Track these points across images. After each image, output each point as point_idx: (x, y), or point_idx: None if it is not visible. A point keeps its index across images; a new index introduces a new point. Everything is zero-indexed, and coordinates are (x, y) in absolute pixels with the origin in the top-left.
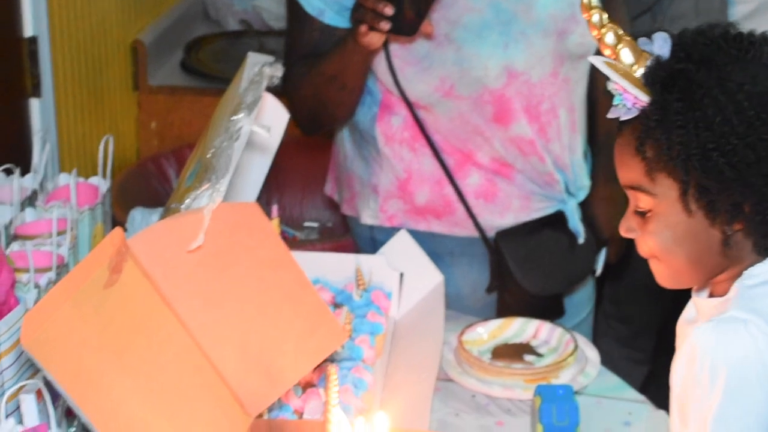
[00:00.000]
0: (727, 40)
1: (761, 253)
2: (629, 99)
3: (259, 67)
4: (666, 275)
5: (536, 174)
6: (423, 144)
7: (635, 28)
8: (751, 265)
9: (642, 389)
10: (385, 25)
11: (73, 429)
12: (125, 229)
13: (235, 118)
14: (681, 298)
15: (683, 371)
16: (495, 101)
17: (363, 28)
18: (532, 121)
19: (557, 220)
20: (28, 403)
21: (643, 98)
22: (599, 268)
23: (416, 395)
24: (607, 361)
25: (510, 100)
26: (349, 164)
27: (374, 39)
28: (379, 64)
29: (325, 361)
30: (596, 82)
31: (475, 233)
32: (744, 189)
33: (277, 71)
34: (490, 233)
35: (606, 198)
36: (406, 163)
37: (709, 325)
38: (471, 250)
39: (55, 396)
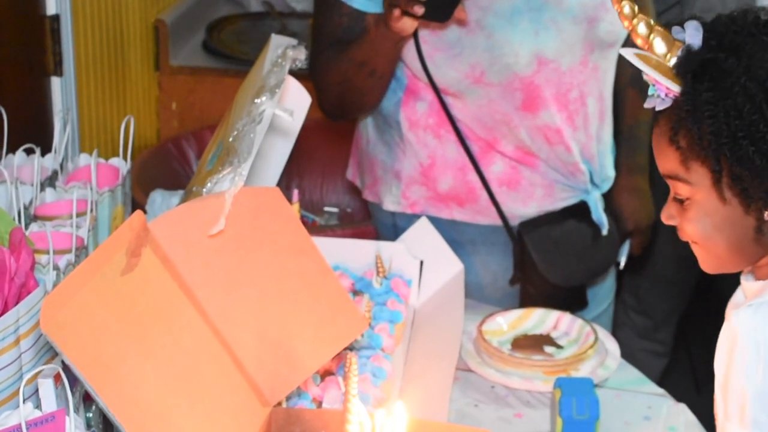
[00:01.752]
0: (758, 26)
1: None
2: (662, 89)
3: (282, 50)
4: (708, 261)
5: (561, 164)
6: (448, 130)
7: (664, 21)
8: None
9: (661, 382)
10: (419, 10)
11: (91, 414)
12: (145, 212)
13: (257, 101)
14: (701, 290)
15: (724, 356)
16: (524, 88)
17: (396, 12)
18: (560, 109)
19: (581, 211)
20: (47, 388)
21: (675, 88)
22: (623, 260)
23: (435, 385)
24: (626, 354)
25: (539, 88)
26: (371, 149)
27: (407, 24)
28: (408, 49)
29: (345, 349)
30: (621, 73)
31: (497, 221)
32: None
33: (301, 54)
34: (513, 222)
35: (629, 189)
36: (430, 150)
37: (748, 308)
38: (493, 239)
39: (73, 381)
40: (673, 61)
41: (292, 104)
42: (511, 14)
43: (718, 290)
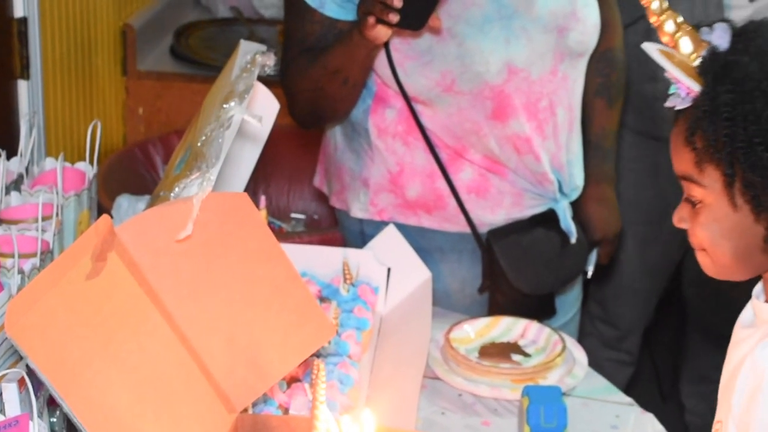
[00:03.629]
0: None
1: None
2: (683, 88)
3: (252, 56)
4: (712, 268)
5: (529, 173)
6: (417, 137)
7: (628, 37)
8: None
9: (626, 391)
10: (394, 18)
11: (55, 419)
12: (111, 216)
13: (226, 106)
14: (666, 300)
15: (747, 394)
16: (494, 97)
17: (371, 20)
18: (530, 118)
19: (549, 219)
20: (10, 392)
21: (696, 88)
22: (590, 270)
23: (403, 393)
24: (592, 363)
25: (509, 97)
26: (339, 156)
27: (381, 33)
28: (378, 57)
29: (312, 356)
30: (589, 83)
31: (465, 229)
32: None
33: (270, 60)
34: (482, 229)
35: (597, 199)
36: (398, 157)
37: None
38: (460, 247)
39: (38, 385)
40: (697, 61)
41: (260, 110)
42: (482, 23)
43: (683, 300)
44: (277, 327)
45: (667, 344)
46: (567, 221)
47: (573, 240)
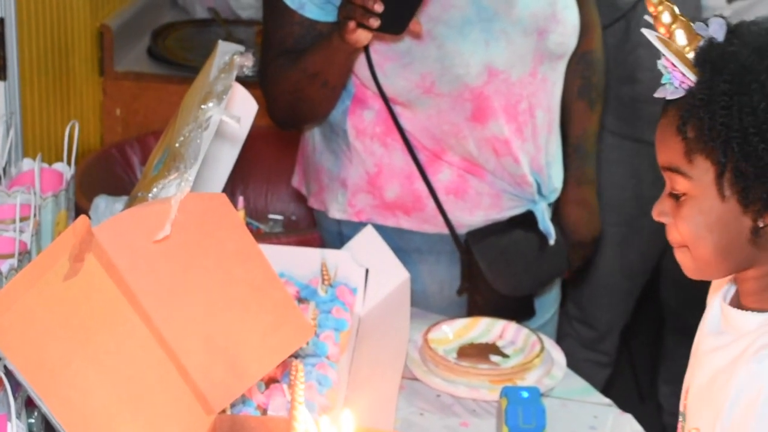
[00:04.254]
0: None
1: None
2: (677, 77)
3: (230, 56)
4: (691, 265)
5: (508, 175)
6: (395, 139)
7: (606, 39)
8: None
9: (604, 392)
10: (375, 22)
11: (33, 420)
12: (88, 217)
13: (204, 107)
14: (645, 302)
15: (742, 407)
16: (474, 99)
17: (351, 24)
18: (509, 120)
19: (528, 221)
20: None
21: (691, 77)
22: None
23: (381, 393)
24: (570, 364)
25: (489, 99)
26: (317, 157)
27: (361, 36)
28: (357, 58)
29: (290, 356)
30: (569, 85)
31: (444, 230)
32: None
33: (248, 61)
34: (460, 231)
35: (576, 201)
36: (376, 158)
37: None
38: (439, 248)
39: (16, 386)
40: (691, 55)
41: (238, 111)
42: (462, 25)
43: (661, 301)
44: (255, 328)
45: (646, 345)
46: (546, 223)
47: (551, 242)
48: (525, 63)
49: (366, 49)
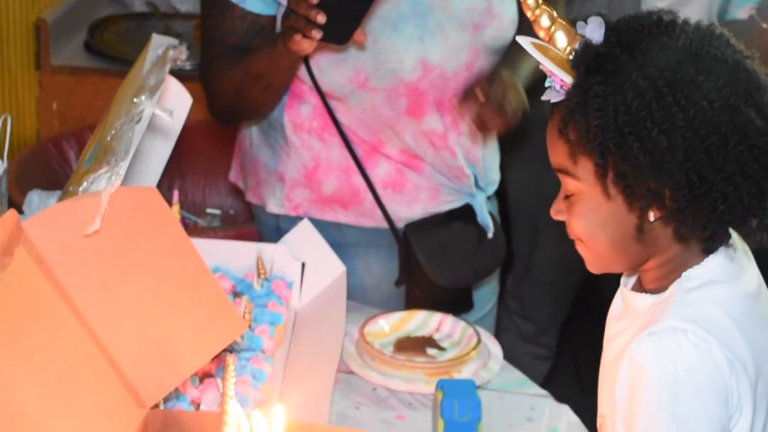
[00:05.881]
0: (659, 26)
1: (681, 241)
2: (557, 81)
3: (163, 50)
4: (592, 261)
5: (446, 167)
6: (332, 133)
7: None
8: (675, 256)
9: (545, 385)
10: (317, 35)
11: None
12: (22, 212)
13: (137, 100)
14: (584, 295)
15: (627, 390)
16: (409, 94)
17: (297, 37)
18: (444, 114)
19: (467, 213)
20: None
21: (569, 80)
22: None
23: (316, 387)
24: (510, 358)
25: (424, 93)
26: (254, 151)
27: (305, 45)
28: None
29: (224, 351)
30: None
31: (382, 224)
32: (659, 175)
33: (182, 54)
34: (399, 224)
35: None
36: (314, 152)
37: (650, 338)
38: (377, 242)
39: None
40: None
41: (172, 104)
42: (397, 20)
43: (602, 293)
44: (187, 322)
45: (588, 338)
46: (484, 216)
47: (490, 235)
48: (460, 57)
49: None
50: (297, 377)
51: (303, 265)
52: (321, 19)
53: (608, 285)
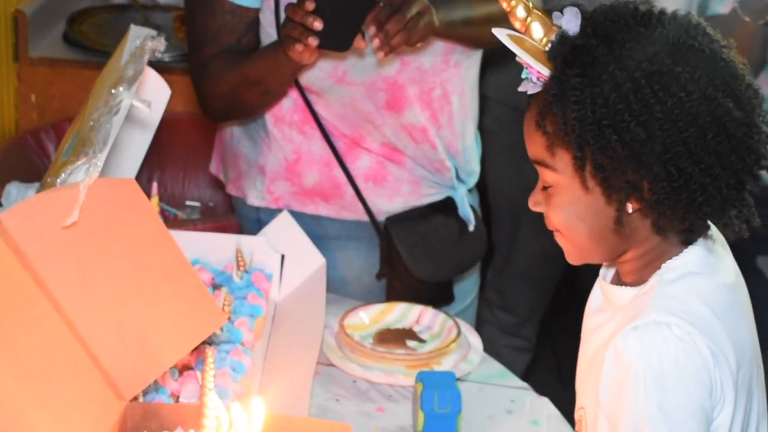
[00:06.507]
0: (636, 17)
1: (659, 232)
2: (533, 73)
3: (141, 41)
4: (571, 252)
5: (427, 161)
6: (313, 127)
7: None
8: (654, 248)
9: (525, 378)
10: (314, 41)
11: None
12: (0, 204)
13: (115, 91)
14: (564, 287)
15: (612, 385)
16: (388, 88)
17: (298, 47)
18: (424, 107)
19: (448, 206)
20: None
21: (546, 72)
22: None
23: (296, 380)
24: (490, 350)
25: (403, 87)
26: (235, 143)
27: (306, 55)
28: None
29: (204, 343)
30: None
31: (363, 217)
32: (637, 167)
33: (160, 45)
34: (380, 217)
35: None
36: (295, 145)
37: (634, 332)
38: (358, 234)
39: None
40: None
41: (150, 96)
42: None
43: (581, 286)
44: (166, 314)
45: (568, 331)
46: (465, 209)
47: (471, 227)
48: (437, 50)
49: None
50: (277, 369)
51: (282, 257)
52: (318, 25)
53: (588, 278)
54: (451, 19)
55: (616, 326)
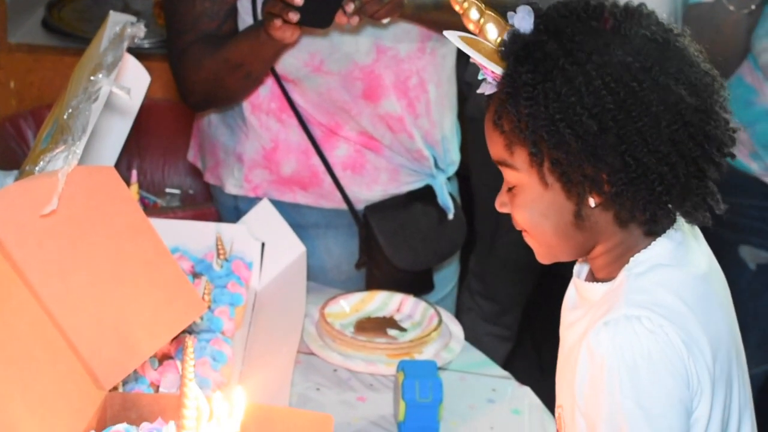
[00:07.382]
0: (587, 11)
1: (622, 225)
2: (488, 73)
3: (121, 27)
4: (540, 251)
5: (405, 150)
6: (290, 115)
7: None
8: (620, 242)
9: (506, 366)
10: (294, 17)
11: None
12: None
13: (93, 78)
14: (546, 276)
15: (587, 382)
16: (365, 77)
17: (277, 22)
18: (401, 97)
19: (427, 195)
20: None
21: (500, 72)
22: None
23: (277, 369)
24: (471, 338)
25: (380, 77)
26: (213, 131)
27: (287, 33)
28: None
29: (184, 332)
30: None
31: (342, 205)
32: (593, 160)
33: (140, 31)
34: (359, 206)
35: None
36: (272, 133)
37: (605, 327)
38: (336, 223)
39: None
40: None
41: (130, 83)
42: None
43: (562, 277)
44: (146, 303)
45: (548, 320)
46: (444, 197)
47: (450, 216)
48: (412, 38)
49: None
50: (257, 358)
51: (263, 245)
52: (298, 1)
53: (570, 267)
54: (422, 1)
55: (589, 323)
